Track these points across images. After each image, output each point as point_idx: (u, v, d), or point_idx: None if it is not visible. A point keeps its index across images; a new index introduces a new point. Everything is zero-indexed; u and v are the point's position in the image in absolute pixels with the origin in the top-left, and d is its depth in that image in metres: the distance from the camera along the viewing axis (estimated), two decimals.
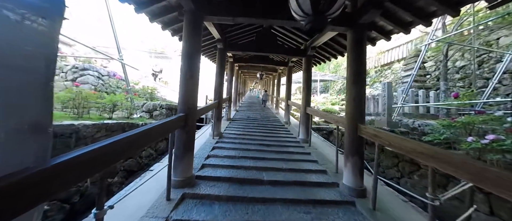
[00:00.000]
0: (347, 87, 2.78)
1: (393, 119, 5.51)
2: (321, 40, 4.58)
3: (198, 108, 2.88)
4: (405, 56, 12.52)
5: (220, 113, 5.17)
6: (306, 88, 5.32)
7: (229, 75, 8.13)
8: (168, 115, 7.17)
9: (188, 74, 2.50)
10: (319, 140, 5.82)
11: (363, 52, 2.74)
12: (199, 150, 3.86)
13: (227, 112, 7.72)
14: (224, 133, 5.49)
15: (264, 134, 5.69)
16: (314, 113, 4.69)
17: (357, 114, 2.64)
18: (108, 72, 8.56)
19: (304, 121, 5.23)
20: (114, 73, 7.83)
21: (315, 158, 3.92)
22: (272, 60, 8.85)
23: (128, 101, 6.16)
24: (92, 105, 5.21)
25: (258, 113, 10.70)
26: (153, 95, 8.37)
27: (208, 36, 5.03)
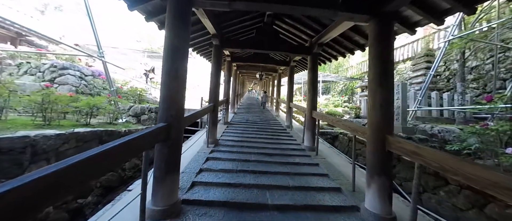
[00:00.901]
0: (370, 91, 2.28)
1: (408, 124, 5.04)
2: (330, 36, 4.09)
3: (186, 116, 2.36)
4: (411, 56, 12.09)
5: (216, 117, 4.65)
6: (312, 90, 4.82)
7: (226, 75, 7.60)
8: (156, 119, 6.71)
9: (172, 73, 1.98)
10: (324, 146, 5.32)
11: (390, 47, 2.25)
12: (191, 162, 3.34)
13: (224, 114, 7.20)
14: (220, 140, 4.97)
15: (265, 141, 5.17)
16: (322, 117, 4.19)
17: (384, 124, 2.14)
18: (93, 72, 7.90)
19: (309, 126, 4.73)
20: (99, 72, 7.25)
21: (325, 171, 3.42)
22: (273, 60, 8.36)
23: (111, 105, 5.56)
24: (65, 109, 4.62)
25: (257, 115, 10.20)
26: (142, 97, 7.78)
27: (202, 31, 4.52)
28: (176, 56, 2.00)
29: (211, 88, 4.65)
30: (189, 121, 2.60)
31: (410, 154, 1.79)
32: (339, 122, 3.26)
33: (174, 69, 1.98)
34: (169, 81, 1.96)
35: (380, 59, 2.22)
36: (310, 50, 4.87)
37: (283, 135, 6.19)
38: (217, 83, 4.68)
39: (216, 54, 4.68)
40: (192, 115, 2.73)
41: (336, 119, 3.50)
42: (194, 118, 2.92)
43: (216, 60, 4.70)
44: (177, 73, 1.99)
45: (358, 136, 2.68)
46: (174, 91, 1.97)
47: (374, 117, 2.21)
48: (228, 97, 7.39)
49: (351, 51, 4.74)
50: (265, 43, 4.89)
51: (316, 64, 4.95)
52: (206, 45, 5.56)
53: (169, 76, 1.96)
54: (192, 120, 2.84)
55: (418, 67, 8.40)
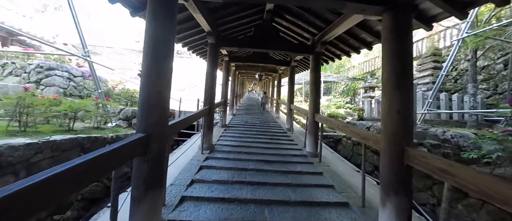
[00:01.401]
0: (385, 95, 1.98)
1: (417, 128, 4.74)
2: (335, 33, 3.80)
3: (173, 122, 2.06)
4: (415, 55, 11.78)
5: (211, 120, 4.35)
6: (315, 91, 4.52)
7: (224, 76, 7.32)
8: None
9: (154, 72, 1.68)
10: (327, 152, 5.02)
11: (409, 43, 1.95)
12: (182, 172, 3.04)
13: (222, 117, 6.91)
14: (217, 144, 4.67)
15: (264, 146, 4.87)
16: (326, 122, 3.89)
17: (402, 133, 1.84)
18: (83, 73, 7.57)
19: (312, 131, 4.42)
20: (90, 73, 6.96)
21: (330, 181, 3.12)
22: (273, 59, 8.06)
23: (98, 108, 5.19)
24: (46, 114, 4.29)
25: (257, 117, 9.91)
26: (135, 99, 7.42)
27: (196, 29, 4.22)
28: (158, 51, 1.70)
29: (206, 89, 4.36)
30: (177, 128, 2.30)
31: (437, 171, 1.49)
32: (346, 128, 2.96)
33: (155, 67, 1.68)
34: (149, 82, 1.66)
35: (396, 57, 1.92)
36: (313, 49, 4.58)
37: (283, 138, 5.89)
38: (213, 84, 4.39)
39: (212, 53, 4.39)
40: (182, 121, 2.42)
41: (342, 123, 3.20)
42: (184, 124, 2.62)
43: (212, 59, 4.41)
44: (160, 72, 1.69)
45: (369, 144, 2.37)
46: (155, 94, 1.67)
47: (390, 124, 1.90)
48: (226, 99, 7.11)
49: (356, 50, 4.45)
50: (264, 42, 4.60)
51: (319, 64, 4.65)
52: (202, 44, 5.27)
53: (149, 76, 1.66)
54: (181, 127, 2.54)
55: (425, 67, 8.09)
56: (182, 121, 2.43)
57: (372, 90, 10.30)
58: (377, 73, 14.31)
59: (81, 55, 5.27)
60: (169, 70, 1.80)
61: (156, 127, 1.67)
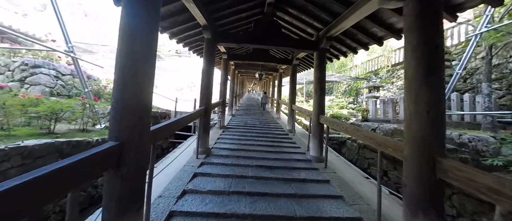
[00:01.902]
0: (409, 92, 1.68)
1: None
2: (342, 27, 3.50)
3: (155, 128, 1.76)
4: None
5: (207, 122, 4.05)
6: (319, 91, 4.21)
7: (222, 75, 7.01)
8: None
9: (128, 67, 1.37)
10: (333, 156, 4.71)
11: (440, 31, 1.64)
12: (173, 180, 2.73)
13: (220, 118, 6.60)
14: (214, 148, 4.37)
15: (265, 149, 4.57)
16: (332, 124, 3.58)
17: (433, 139, 1.54)
18: (72, 71, 7.20)
19: (316, 133, 4.12)
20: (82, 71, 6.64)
21: (338, 190, 2.81)
22: (273, 57, 7.75)
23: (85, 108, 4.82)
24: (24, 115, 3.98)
25: (257, 117, 9.61)
26: None
27: (191, 22, 3.92)
28: (136, 41, 1.39)
29: (202, 88, 4.05)
30: (163, 133, 1.99)
31: (485, 191, 1.18)
32: (358, 132, 2.65)
33: (132, 61, 1.37)
34: (123, 79, 1.36)
35: (424, 49, 1.61)
36: (317, 46, 4.28)
37: (285, 141, 5.58)
38: (209, 83, 4.08)
39: (208, 49, 4.08)
40: (170, 124, 2.11)
41: (352, 127, 2.89)
42: (172, 128, 2.31)
43: (208, 56, 4.10)
44: (137, 67, 1.39)
45: (388, 152, 2.07)
46: (131, 93, 1.37)
47: (417, 128, 1.60)
48: (224, 99, 6.80)
49: (365, 46, 4.16)
50: (265, 38, 4.29)
51: (323, 62, 4.35)
52: (198, 40, 4.97)
53: (123, 72, 1.36)
54: (169, 131, 2.23)
55: None
56: (170, 124, 2.11)
57: (377, 90, 9.99)
58: (380, 72, 14.00)
59: (63, 51, 4.95)
60: (150, 64, 1.49)
61: (132, 132, 1.36)
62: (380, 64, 14.80)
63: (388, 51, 13.66)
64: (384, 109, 7.69)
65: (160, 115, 7.04)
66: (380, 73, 13.90)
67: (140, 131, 1.42)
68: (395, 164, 4.42)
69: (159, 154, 6.35)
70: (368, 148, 5.25)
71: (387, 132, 6.08)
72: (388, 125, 6.40)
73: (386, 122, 7.23)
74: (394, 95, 11.52)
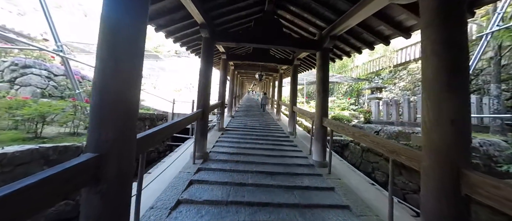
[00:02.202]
0: (429, 97, 1.50)
1: None
2: (347, 25, 3.33)
3: (143, 135, 1.58)
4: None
5: (205, 125, 3.86)
6: (322, 92, 4.04)
7: (221, 75, 6.84)
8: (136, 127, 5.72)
9: (110, 66, 1.19)
10: (336, 160, 4.53)
11: (464, 28, 1.47)
12: (167, 189, 2.55)
13: (219, 119, 6.43)
14: (212, 152, 4.19)
15: (265, 153, 4.39)
16: (338, 128, 3.39)
17: (457, 150, 1.36)
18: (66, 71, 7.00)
19: (319, 137, 3.94)
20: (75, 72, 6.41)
21: (344, 199, 2.64)
22: (274, 58, 7.58)
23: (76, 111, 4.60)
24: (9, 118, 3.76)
25: (256, 119, 9.44)
26: None
27: (188, 21, 3.75)
28: (119, 35, 1.21)
29: (199, 90, 3.87)
30: (152, 141, 1.80)
31: None
32: (366, 137, 2.47)
33: (114, 59, 1.19)
34: (104, 79, 1.18)
35: (447, 48, 1.44)
36: (320, 45, 4.11)
37: (286, 144, 5.41)
38: (207, 84, 3.90)
39: (206, 49, 3.91)
40: (160, 130, 1.92)
41: (360, 131, 2.71)
42: (164, 134, 2.13)
43: (206, 56, 3.92)
44: (120, 67, 1.21)
45: (401, 161, 1.89)
46: (113, 96, 1.19)
47: (438, 138, 1.42)
48: (223, 100, 6.63)
49: (370, 45, 3.99)
50: (265, 37, 4.11)
51: (327, 62, 4.17)
52: (196, 40, 4.79)
53: (103, 71, 1.18)
54: (160, 138, 2.04)
55: None
56: (163, 129, 1.93)
57: (379, 91, 9.83)
58: (382, 73, 13.85)
59: (52, 50, 4.75)
60: (137, 63, 1.31)
61: (114, 142, 1.18)
62: (382, 65, 14.65)
63: (390, 51, 13.52)
64: (387, 111, 7.52)
65: (157, 117, 6.84)
66: (381, 74, 13.76)
67: (124, 140, 1.24)
68: (400, 169, 4.25)
69: (155, 158, 6.15)
70: (372, 151, 5.08)
71: (391, 135, 5.91)
72: (392, 127, 6.23)
73: (389, 124, 7.06)
74: (396, 96, 11.36)
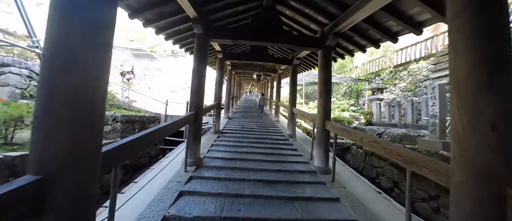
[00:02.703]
0: (460, 98, 1.25)
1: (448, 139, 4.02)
2: (352, 21, 3.10)
3: (112, 147, 1.30)
4: (424, 55, 11.18)
5: (198, 129, 3.59)
6: (324, 93, 3.79)
7: (218, 75, 6.57)
8: (125, 131, 5.40)
9: (63, 62, 0.91)
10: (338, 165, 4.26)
11: (505, 13, 1.22)
12: (153, 202, 2.27)
13: (215, 121, 6.15)
14: (206, 157, 3.92)
15: (264, 158, 4.13)
16: (344, 133, 3.12)
17: (501, 163, 1.11)
18: None
19: (322, 141, 3.69)
20: None
21: (352, 212, 2.39)
22: (272, 57, 7.32)
23: None
24: None
25: (254, 121, 9.19)
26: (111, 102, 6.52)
27: (180, 15, 3.48)
28: (73, 18, 0.93)
29: (192, 90, 3.60)
30: (127, 153, 1.52)
31: None
32: (378, 144, 2.21)
33: (67, 49, 0.91)
34: (52, 81, 0.90)
35: (485, 40, 1.19)
36: (322, 43, 3.87)
37: (285, 147, 5.15)
38: (200, 84, 3.63)
39: (199, 46, 3.63)
40: (143, 137, 1.64)
41: (370, 138, 2.44)
42: (148, 142, 1.85)
43: (200, 54, 3.65)
44: (73, 57, 0.93)
45: (422, 173, 1.64)
46: (64, 102, 0.91)
47: (474, 147, 1.17)
48: (219, 101, 6.35)
49: (375, 43, 3.76)
50: (264, 34, 3.87)
51: (329, 61, 3.93)
52: (190, 37, 4.52)
53: (50, 69, 0.90)
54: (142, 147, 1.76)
55: (442, 67, 7.43)
56: (143, 137, 1.65)
57: (380, 92, 9.63)
58: (382, 74, 13.68)
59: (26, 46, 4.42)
60: (103, 55, 1.04)
61: (66, 158, 0.90)
62: (382, 65, 14.50)
63: (391, 52, 13.37)
64: (389, 113, 7.31)
65: (148, 120, 6.52)
66: (381, 75, 13.59)
67: (82, 155, 0.97)
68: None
69: (146, 163, 5.81)
70: (376, 155, 4.84)
71: (395, 138, 5.68)
72: (396, 130, 6.01)
73: (392, 126, 6.85)
74: (397, 97, 11.19)
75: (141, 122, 6.29)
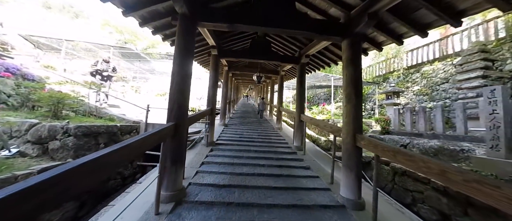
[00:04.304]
0: None
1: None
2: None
3: None
4: (439, 56, 10.36)
5: (179, 147, 2.58)
6: (355, 97, 2.84)
7: (212, 76, 5.58)
8: (81, 148, 3.96)
9: None
10: (365, 187, 3.27)
11: None
12: None
13: (207, 131, 5.14)
14: (191, 186, 2.92)
15: (270, 184, 3.15)
16: (398, 157, 2.12)
17: None
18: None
19: (352, 163, 2.71)
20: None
21: None
22: (276, 55, 6.32)
23: None
24: None
25: (254, 128, 8.20)
26: (74, 107, 5.31)
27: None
28: None
29: (172, 92, 2.60)
30: None
31: None
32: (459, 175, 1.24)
33: None
34: None
35: None
36: (350, 30, 2.97)
37: (295, 165, 4.16)
38: (184, 83, 2.63)
39: (183, 31, 2.65)
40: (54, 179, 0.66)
41: (439, 164, 1.48)
42: (62, 188, 0.84)
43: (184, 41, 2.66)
44: None
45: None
46: None
47: None
48: (213, 107, 5.36)
49: (423, 30, 2.82)
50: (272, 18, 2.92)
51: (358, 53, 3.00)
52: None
53: None
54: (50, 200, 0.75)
55: (469, 68, 6.54)
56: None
57: (396, 96, 8.72)
58: (390, 76, 12.85)
59: None
60: None
61: None
62: (391, 67, 13.69)
63: (401, 53, 12.59)
64: (411, 120, 6.39)
65: (122, 130, 5.20)
66: (390, 78, 12.74)
67: None
68: (465, 206, 3.03)
69: (118, 186, 4.53)
70: (411, 176, 3.88)
71: (427, 151, 4.73)
72: (425, 141, 5.06)
73: (417, 135, 5.91)
74: (410, 101, 10.32)
75: (110, 134, 4.93)
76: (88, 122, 4.22)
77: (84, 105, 4.99)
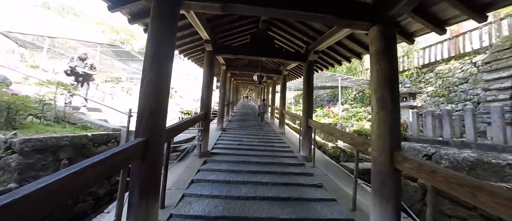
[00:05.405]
0: None
1: None
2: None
3: None
4: (456, 54, 9.69)
5: (154, 174, 1.89)
6: (391, 101, 2.17)
7: (206, 74, 4.91)
8: (31, 168, 3.13)
9: None
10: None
11: None
12: None
13: (201, 139, 4.47)
14: (174, 218, 2.23)
15: (278, 216, 2.45)
16: (454, 188, 1.46)
17: None
18: None
19: (389, 191, 2.04)
20: None
21: None
22: (279, 52, 5.63)
23: None
24: None
25: (255, 133, 7.56)
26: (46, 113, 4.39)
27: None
28: None
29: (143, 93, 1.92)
30: None
31: None
32: None
33: None
34: None
35: None
36: (381, 14, 2.26)
37: (305, 183, 3.47)
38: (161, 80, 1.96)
39: (161, 13, 1.99)
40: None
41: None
42: None
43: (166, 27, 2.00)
44: None
45: None
46: None
47: None
48: (207, 111, 4.69)
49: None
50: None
51: (393, 45, 2.31)
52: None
53: None
54: None
55: (501, 66, 5.85)
56: None
57: (413, 98, 8.03)
58: (401, 76, 12.18)
59: None
60: None
61: None
62: (400, 67, 13.03)
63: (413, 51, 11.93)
64: (433, 125, 5.70)
65: (95, 141, 4.25)
66: (401, 78, 12.08)
67: None
68: None
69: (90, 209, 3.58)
70: (448, 197, 3.20)
71: (459, 164, 4.05)
72: (455, 151, 4.38)
73: (441, 143, 5.23)
74: (425, 103, 9.66)
75: (76, 146, 3.87)
76: (48, 132, 3.48)
77: (51, 110, 4.29)
